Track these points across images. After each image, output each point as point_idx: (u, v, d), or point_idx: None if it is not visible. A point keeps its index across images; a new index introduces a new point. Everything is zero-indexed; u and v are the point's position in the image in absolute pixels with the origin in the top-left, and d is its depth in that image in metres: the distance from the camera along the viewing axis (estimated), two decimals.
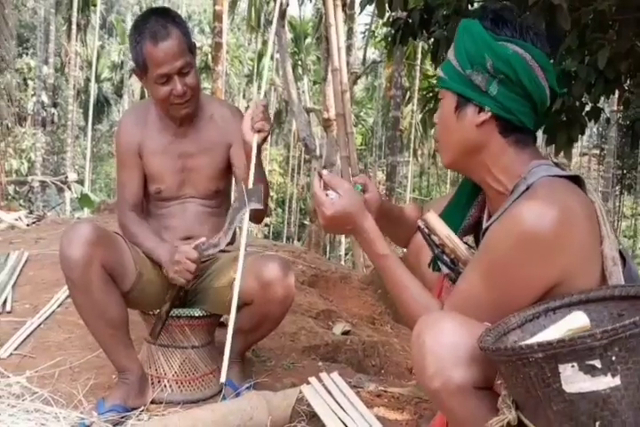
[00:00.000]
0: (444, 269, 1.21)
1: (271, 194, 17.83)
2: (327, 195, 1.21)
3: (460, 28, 1.17)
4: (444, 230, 1.20)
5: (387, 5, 2.95)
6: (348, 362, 2.35)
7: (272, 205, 21.86)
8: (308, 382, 1.79)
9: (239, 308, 1.76)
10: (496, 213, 1.13)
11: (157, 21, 1.71)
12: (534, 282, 1.02)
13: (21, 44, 20.64)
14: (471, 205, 1.29)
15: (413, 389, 2.01)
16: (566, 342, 0.81)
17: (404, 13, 2.98)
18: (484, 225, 1.20)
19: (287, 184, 23.83)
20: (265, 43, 24.25)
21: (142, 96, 26.23)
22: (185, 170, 1.85)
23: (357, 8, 10.63)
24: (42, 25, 20.59)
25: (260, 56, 24.93)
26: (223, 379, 1.47)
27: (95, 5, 22.41)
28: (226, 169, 1.89)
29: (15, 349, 2.08)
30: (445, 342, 0.99)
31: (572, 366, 0.81)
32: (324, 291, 3.20)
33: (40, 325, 2.29)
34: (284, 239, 20.16)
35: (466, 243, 1.23)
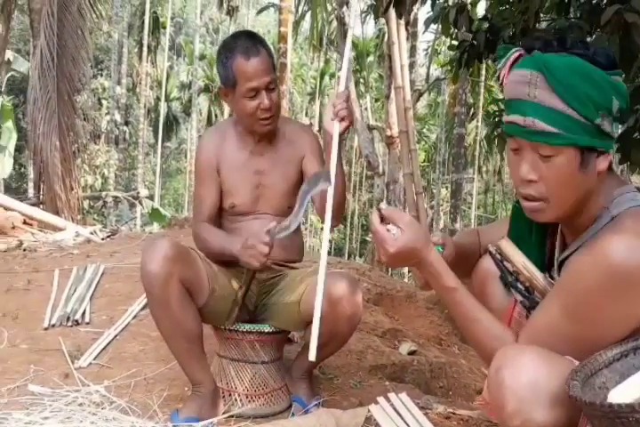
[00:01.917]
0: (518, 297, 1.17)
1: None
2: (388, 230, 1.15)
3: (569, 72, 1.01)
4: (519, 258, 1.16)
5: (451, 23, 2.96)
6: (414, 383, 2.32)
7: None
8: (376, 402, 1.79)
9: (306, 324, 1.79)
10: (574, 245, 1.09)
11: (247, 40, 1.81)
12: (622, 318, 0.98)
13: (96, 65, 21.71)
14: (544, 236, 1.21)
15: (483, 412, 1.97)
16: None
17: (469, 35, 2.98)
18: (558, 255, 1.16)
19: (349, 200, 23.89)
20: (327, 61, 24.61)
21: (209, 115, 27.08)
22: (260, 186, 1.91)
23: (420, 26, 10.66)
24: (115, 47, 21.67)
25: (323, 74, 25.29)
26: (312, 357, 1.46)
27: (165, 28, 23.43)
28: (298, 184, 1.93)
29: (94, 358, 2.16)
30: (526, 379, 0.94)
31: None
32: (390, 309, 3.17)
33: (116, 336, 2.37)
34: (346, 255, 20.13)
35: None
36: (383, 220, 1.17)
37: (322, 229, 1.72)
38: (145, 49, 22.54)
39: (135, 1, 23.42)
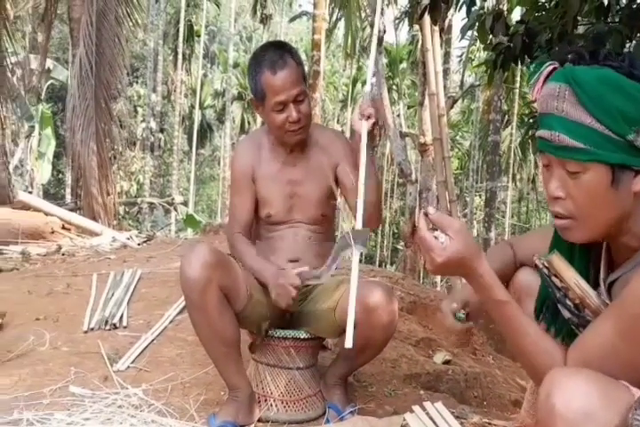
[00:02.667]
0: (566, 314, 1.13)
1: None
2: (436, 237, 1.06)
3: (597, 84, 0.97)
4: (571, 275, 1.11)
5: (488, 30, 2.94)
6: (449, 392, 2.29)
7: None
8: (411, 410, 1.78)
9: (342, 331, 1.79)
10: (625, 266, 1.05)
11: (275, 52, 1.82)
12: None
13: (132, 73, 22.17)
14: (587, 255, 1.15)
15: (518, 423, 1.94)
16: None
17: (505, 38, 2.95)
18: (604, 275, 1.12)
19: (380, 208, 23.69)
20: (360, 68, 24.65)
21: (242, 123, 27.38)
22: (294, 196, 1.92)
23: (454, 32, 10.59)
24: (151, 55, 22.10)
25: (355, 82, 25.32)
26: (349, 344, 1.44)
27: (199, 36, 23.80)
28: (332, 192, 1.94)
29: (132, 362, 2.19)
30: (578, 406, 0.89)
31: None
32: (423, 318, 3.15)
33: (153, 340, 2.40)
34: (377, 263, 20.04)
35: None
36: (430, 226, 1.09)
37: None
38: (180, 57, 22.92)
39: (170, 9, 23.89)
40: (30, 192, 9.72)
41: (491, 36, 3.22)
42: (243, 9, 29.49)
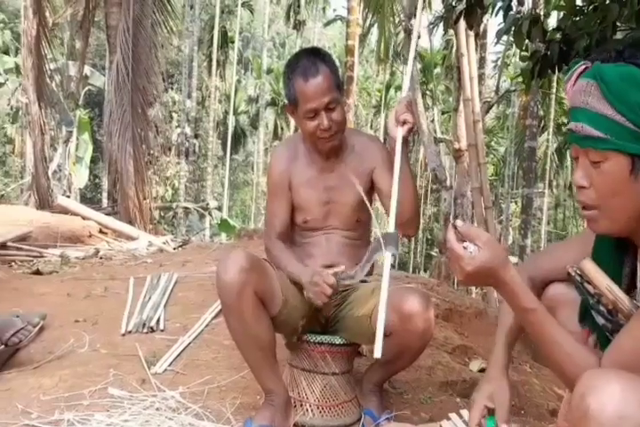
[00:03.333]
0: (600, 320, 1.12)
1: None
2: (465, 248, 1.10)
3: (619, 79, 1.04)
4: (603, 280, 1.11)
5: (524, 35, 2.90)
6: None
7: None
8: (448, 418, 1.75)
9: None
10: None
11: (308, 60, 1.82)
12: None
13: (167, 79, 22.57)
14: (623, 260, 1.16)
15: None
16: None
17: (542, 46, 2.91)
18: None
19: None
20: (393, 74, 24.60)
21: (276, 128, 27.60)
22: (330, 202, 1.92)
23: (490, 37, 10.49)
24: (186, 62, 22.45)
25: (389, 87, 25.29)
26: (378, 354, 1.45)
27: (233, 42, 24.12)
28: (368, 197, 1.93)
29: (169, 365, 2.21)
30: (613, 408, 0.88)
31: None
32: (459, 326, 3.11)
33: (190, 344, 2.42)
34: (410, 270, 19.92)
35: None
36: (459, 237, 1.13)
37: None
38: (214, 63, 23.25)
39: (205, 16, 24.27)
40: (68, 196, 9.96)
41: (527, 41, 3.18)
42: (276, 15, 29.77)
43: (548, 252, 1.61)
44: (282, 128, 27.47)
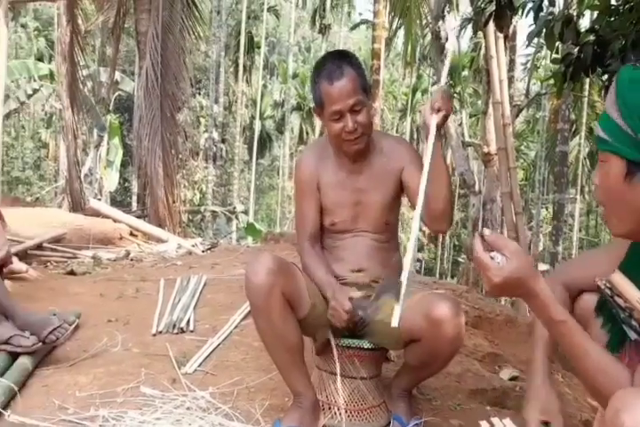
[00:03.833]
0: (632, 335, 1.10)
1: (423, 228, 17.48)
2: (492, 258, 1.08)
3: (628, 82, 1.03)
4: (634, 293, 1.08)
5: (556, 37, 2.86)
6: (517, 409, 2.20)
7: (424, 240, 21.50)
8: (478, 425, 1.73)
9: (405, 344, 1.78)
10: None
11: (334, 62, 1.83)
12: None
13: (195, 84, 22.84)
14: None
15: None
16: None
17: (574, 48, 2.85)
18: None
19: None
20: (420, 77, 24.49)
21: (301, 133, 27.68)
22: (359, 204, 1.92)
23: (519, 39, 10.36)
24: (213, 67, 22.70)
25: (415, 90, 25.17)
26: (395, 323, 1.44)
27: (259, 47, 24.29)
28: (395, 200, 1.94)
29: (199, 365, 2.24)
30: None
31: None
32: (489, 333, 3.07)
33: (219, 345, 2.45)
34: (437, 276, 19.73)
35: None
36: (486, 246, 1.12)
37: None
38: (240, 68, 23.45)
39: (231, 21, 24.51)
40: (99, 199, 10.14)
41: (558, 43, 3.13)
42: (302, 19, 29.91)
43: (579, 260, 1.59)
44: (307, 132, 27.54)
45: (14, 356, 2.13)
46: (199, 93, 23.81)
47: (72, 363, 2.23)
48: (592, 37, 2.71)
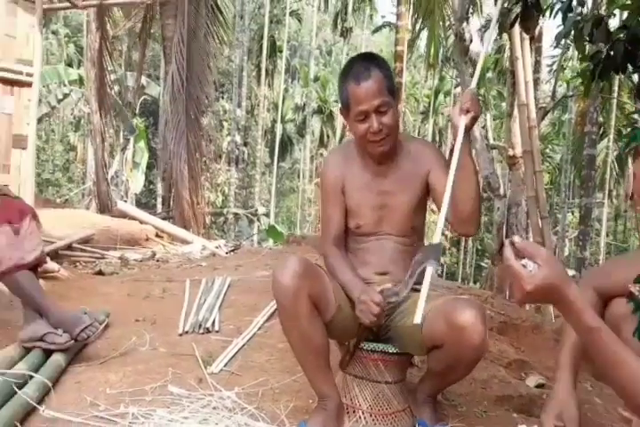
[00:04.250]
0: None
1: (446, 232, 17.35)
2: (524, 265, 1.07)
3: None
4: None
5: (586, 38, 2.81)
6: None
7: (447, 244, 21.32)
8: None
9: (429, 349, 1.76)
10: None
11: (362, 64, 1.84)
12: None
13: (218, 88, 23.03)
14: None
15: None
16: None
17: (604, 46, 2.80)
18: None
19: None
20: (442, 79, 24.36)
21: (322, 136, 27.73)
22: (384, 207, 1.91)
23: (545, 40, 10.23)
24: (236, 71, 22.88)
25: (437, 93, 25.04)
26: (418, 320, 1.46)
27: (281, 51, 24.42)
28: (421, 203, 1.93)
29: (224, 365, 2.26)
30: None
31: None
32: (515, 340, 3.03)
33: (243, 345, 2.46)
34: (459, 281, 19.57)
35: None
36: (517, 253, 1.10)
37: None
38: (263, 72, 23.60)
39: (254, 26, 24.68)
40: (125, 201, 10.30)
41: (587, 45, 3.09)
42: (323, 23, 29.99)
43: (609, 265, 1.57)
44: (328, 136, 27.58)
45: (48, 353, 2.18)
46: (222, 97, 24.01)
47: (102, 361, 2.27)
48: (624, 34, 2.64)
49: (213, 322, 2.70)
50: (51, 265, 3.41)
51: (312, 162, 27.70)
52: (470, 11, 7.48)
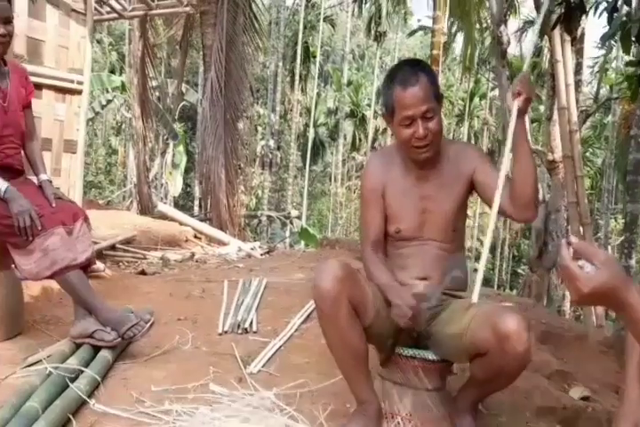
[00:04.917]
0: None
1: (480, 237, 17.10)
2: (581, 267, 1.03)
3: None
4: None
5: (633, 39, 2.76)
6: None
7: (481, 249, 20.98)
8: None
9: (470, 357, 1.74)
10: None
11: (408, 70, 1.84)
12: None
13: (255, 93, 23.24)
14: None
15: None
16: None
17: None
18: None
19: (499, 229, 22.75)
20: (477, 81, 24.09)
21: (354, 139, 27.71)
22: (425, 212, 1.90)
23: (587, 42, 10.02)
24: (270, 77, 23.08)
25: (473, 95, 24.78)
26: (475, 299, 1.49)
27: (315, 57, 24.51)
28: (463, 207, 1.92)
29: (263, 366, 2.28)
30: None
31: None
32: (557, 350, 2.95)
33: (281, 347, 2.48)
34: (495, 287, 19.23)
35: None
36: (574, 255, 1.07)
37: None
38: (296, 78, 23.74)
39: (288, 32, 24.86)
40: (165, 203, 10.49)
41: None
42: (357, 28, 30.01)
43: None
44: (360, 139, 27.54)
45: (96, 349, 2.26)
46: (257, 103, 24.23)
47: (147, 358, 2.32)
48: None
49: (251, 323, 2.73)
50: (96, 265, 3.49)
51: (344, 165, 27.70)
52: (508, 13, 7.39)
